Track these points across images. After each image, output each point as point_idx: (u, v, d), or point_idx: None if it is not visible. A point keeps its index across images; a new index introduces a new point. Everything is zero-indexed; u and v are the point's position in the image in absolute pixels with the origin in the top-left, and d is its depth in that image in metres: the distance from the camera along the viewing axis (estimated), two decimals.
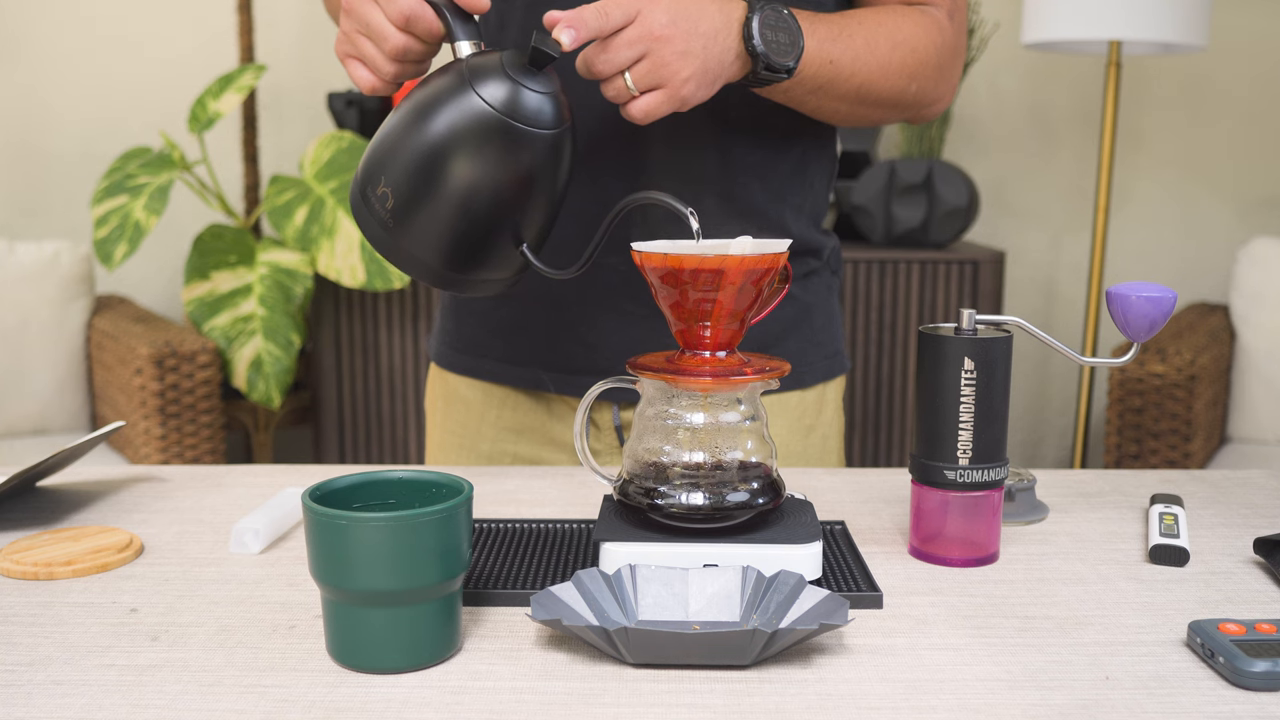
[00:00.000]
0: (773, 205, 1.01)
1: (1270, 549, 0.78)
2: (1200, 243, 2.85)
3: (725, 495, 0.72)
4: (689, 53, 0.82)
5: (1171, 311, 0.76)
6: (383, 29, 0.81)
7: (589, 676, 0.61)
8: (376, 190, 0.81)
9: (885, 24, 0.96)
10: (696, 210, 0.97)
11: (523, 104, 0.78)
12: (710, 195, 0.98)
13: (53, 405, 2.41)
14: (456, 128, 0.78)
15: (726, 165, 0.98)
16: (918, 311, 2.38)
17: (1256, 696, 0.59)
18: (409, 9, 0.80)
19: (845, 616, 0.62)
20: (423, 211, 0.80)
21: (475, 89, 0.77)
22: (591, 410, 1.04)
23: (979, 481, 0.77)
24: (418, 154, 0.79)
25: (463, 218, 0.80)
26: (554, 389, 1.04)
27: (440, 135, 0.78)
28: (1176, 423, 2.20)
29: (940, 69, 0.99)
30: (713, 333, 0.73)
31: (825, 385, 1.08)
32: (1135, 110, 2.80)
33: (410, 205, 0.80)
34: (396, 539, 0.59)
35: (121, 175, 2.34)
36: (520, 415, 1.06)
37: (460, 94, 0.78)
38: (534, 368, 1.04)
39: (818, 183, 1.05)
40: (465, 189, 0.79)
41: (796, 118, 0.99)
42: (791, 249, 1.01)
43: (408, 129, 0.79)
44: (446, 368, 1.10)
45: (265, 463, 2.58)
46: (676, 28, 0.81)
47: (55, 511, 0.89)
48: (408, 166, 0.79)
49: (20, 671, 0.62)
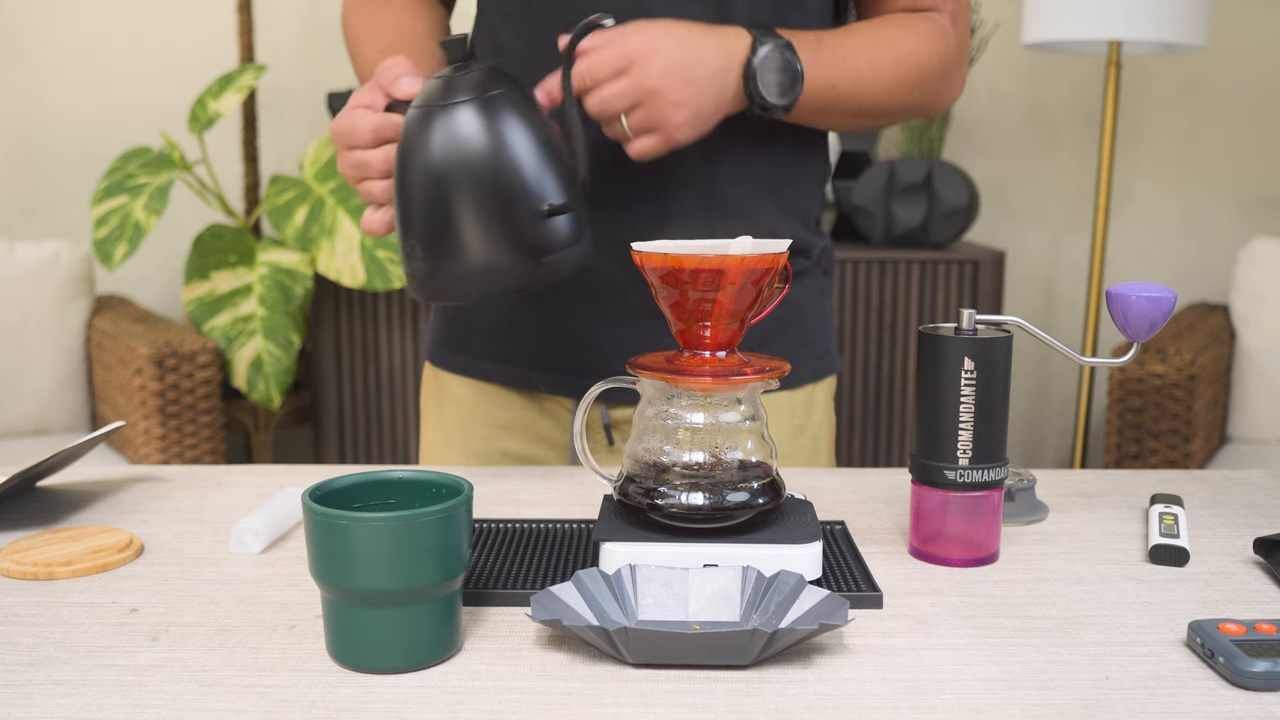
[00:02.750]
0: (758, 205, 1.01)
1: (1270, 549, 0.78)
2: (1200, 243, 2.85)
3: (725, 495, 0.72)
4: (682, 102, 0.85)
5: (1171, 311, 0.76)
6: (364, 161, 0.87)
7: (589, 676, 0.61)
8: (406, 252, 0.85)
9: (889, 41, 0.97)
10: (679, 209, 0.97)
11: (451, 86, 0.82)
12: (693, 194, 0.98)
13: (53, 405, 2.41)
14: (411, 143, 0.83)
15: (710, 165, 0.98)
16: (918, 311, 2.38)
17: (1256, 696, 0.59)
18: (374, 124, 0.86)
19: (845, 616, 0.62)
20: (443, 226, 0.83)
21: (410, 108, 0.84)
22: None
23: (979, 481, 0.77)
24: (402, 191, 0.84)
25: (474, 205, 0.82)
26: (544, 389, 1.04)
27: (406, 159, 0.83)
28: (1176, 423, 2.20)
29: (944, 75, 1.01)
30: (713, 333, 0.73)
31: (815, 385, 1.08)
32: (1135, 110, 2.80)
33: (433, 235, 0.83)
34: (396, 539, 0.59)
35: (121, 175, 2.34)
36: (512, 413, 1.06)
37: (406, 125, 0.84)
38: (525, 367, 1.04)
39: (807, 182, 1.05)
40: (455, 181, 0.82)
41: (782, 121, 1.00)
42: None
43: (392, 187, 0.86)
44: (439, 365, 1.10)
45: (265, 463, 2.58)
46: (671, 79, 0.85)
47: (55, 511, 0.89)
48: (403, 210, 0.84)
49: (20, 671, 0.62)
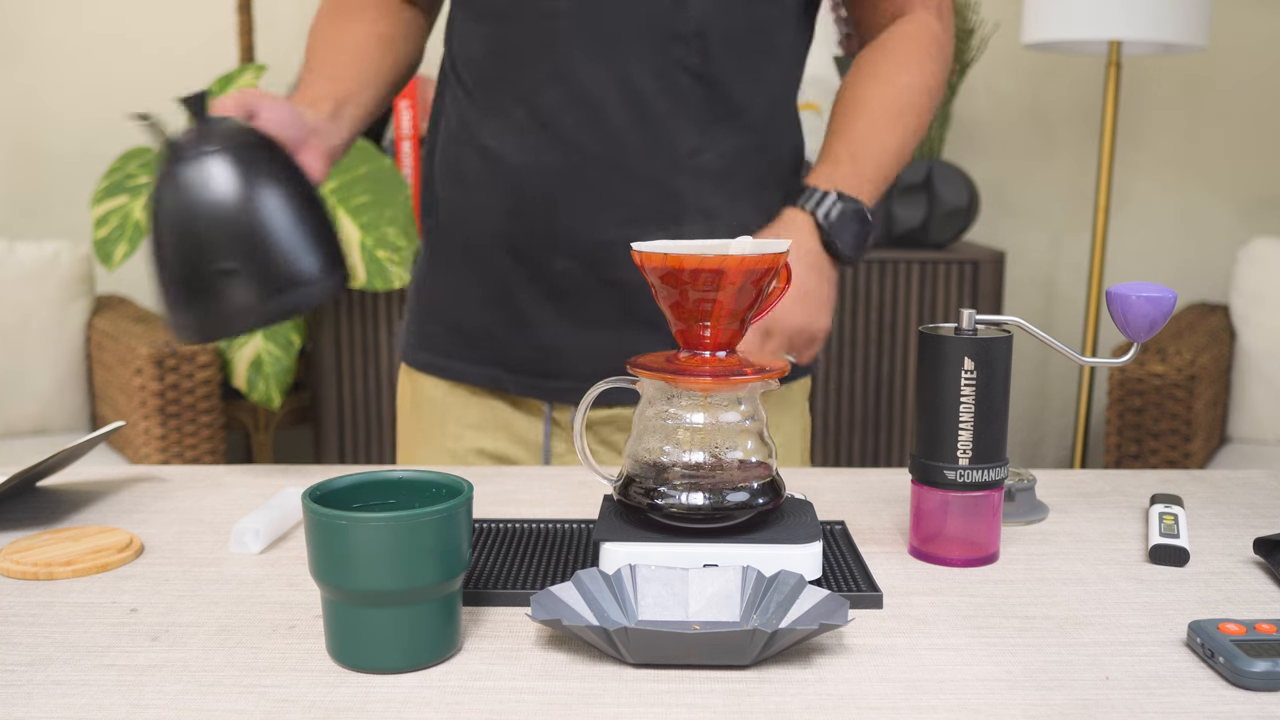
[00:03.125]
0: (726, 203, 1.01)
1: (1270, 549, 0.78)
2: (1200, 243, 2.85)
3: (725, 495, 0.72)
4: (821, 319, 0.98)
5: (1171, 311, 0.76)
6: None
7: (589, 676, 0.61)
8: (165, 315, 0.90)
9: (892, 95, 1.02)
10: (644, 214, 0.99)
11: (174, 146, 0.88)
12: (658, 197, 0.99)
13: (53, 405, 2.41)
14: (149, 198, 0.89)
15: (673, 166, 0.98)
16: (918, 311, 2.38)
17: (1256, 696, 0.59)
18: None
19: (845, 616, 0.62)
20: (166, 276, 0.88)
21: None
22: (554, 410, 1.05)
23: (979, 481, 0.77)
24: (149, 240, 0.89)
25: (177, 259, 0.87)
26: (515, 390, 1.05)
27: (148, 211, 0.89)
28: (1176, 423, 2.20)
29: (940, 80, 1.06)
30: (713, 333, 0.73)
31: (790, 386, 1.08)
32: (1135, 110, 2.80)
33: (163, 284, 0.88)
34: (396, 539, 0.59)
35: (121, 175, 2.34)
36: (485, 413, 1.07)
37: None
38: (495, 368, 1.05)
39: (777, 175, 1.05)
40: (168, 236, 0.87)
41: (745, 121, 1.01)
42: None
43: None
44: (413, 365, 1.11)
45: (265, 463, 2.58)
46: (824, 313, 0.98)
47: (55, 511, 0.89)
48: (152, 261, 0.89)
49: (20, 671, 0.62)
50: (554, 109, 0.97)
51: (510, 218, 1.00)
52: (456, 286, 1.06)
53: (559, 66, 0.96)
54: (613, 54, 0.95)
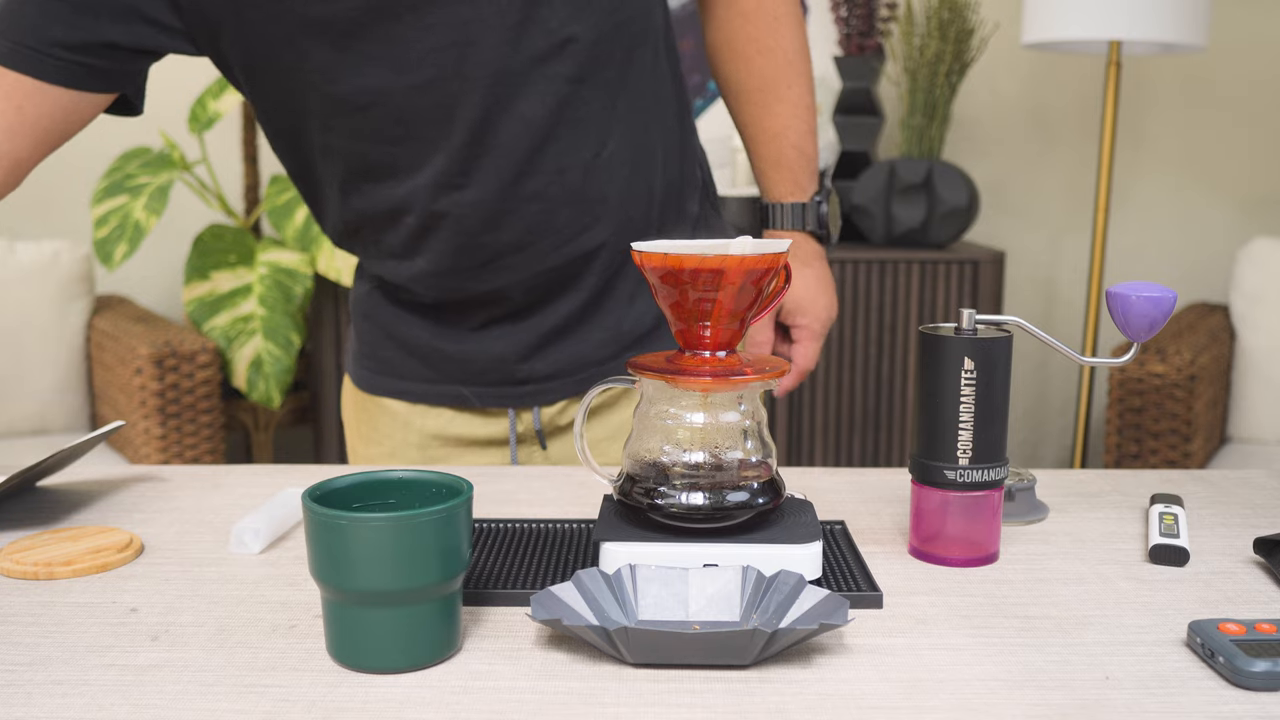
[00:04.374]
0: (618, 193, 0.99)
1: (1270, 549, 0.78)
2: (1200, 243, 2.85)
3: (725, 495, 0.72)
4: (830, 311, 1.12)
5: (1171, 311, 0.76)
6: None
7: (589, 676, 0.61)
8: None
9: (782, 62, 1.07)
10: (553, 224, 0.97)
11: None
12: (567, 206, 0.97)
13: (53, 405, 2.41)
14: None
15: (560, 174, 0.96)
16: (918, 311, 2.38)
17: (1256, 696, 0.59)
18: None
19: (845, 616, 0.62)
20: None
21: None
22: (519, 411, 1.05)
23: (979, 481, 0.77)
24: None
25: None
26: (478, 403, 1.05)
27: None
28: (1176, 423, 2.20)
29: (794, 10, 1.08)
30: (713, 333, 0.73)
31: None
32: (1135, 110, 2.80)
33: None
34: (396, 539, 0.59)
35: (121, 175, 2.34)
36: (444, 421, 1.07)
37: None
38: (455, 384, 1.06)
39: (669, 160, 1.03)
40: None
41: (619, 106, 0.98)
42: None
43: None
44: (368, 391, 1.10)
45: (265, 463, 2.58)
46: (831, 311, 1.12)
47: (55, 511, 0.89)
48: None
49: (20, 671, 0.62)
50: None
51: (444, 277, 1.00)
52: (403, 316, 1.06)
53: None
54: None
